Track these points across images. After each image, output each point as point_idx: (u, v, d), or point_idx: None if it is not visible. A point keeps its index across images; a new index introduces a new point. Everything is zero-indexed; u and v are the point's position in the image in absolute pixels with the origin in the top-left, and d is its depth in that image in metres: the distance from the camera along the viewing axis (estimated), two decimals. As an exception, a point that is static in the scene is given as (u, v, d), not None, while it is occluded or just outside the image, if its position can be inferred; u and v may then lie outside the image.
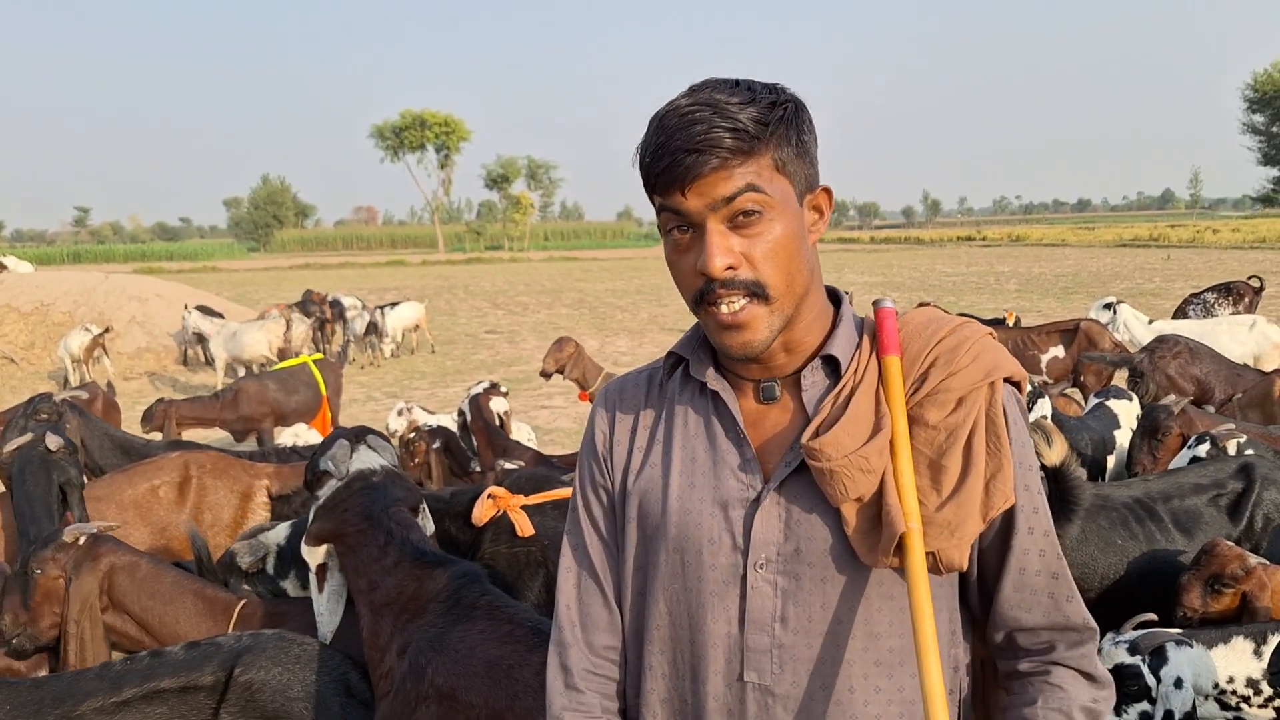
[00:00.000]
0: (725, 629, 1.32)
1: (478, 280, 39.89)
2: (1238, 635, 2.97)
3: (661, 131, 1.23)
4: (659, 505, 1.38)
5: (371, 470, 2.58)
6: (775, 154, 1.24)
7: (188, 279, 35.96)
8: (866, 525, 1.26)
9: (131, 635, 3.01)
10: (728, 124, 1.20)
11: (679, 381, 1.44)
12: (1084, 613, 1.31)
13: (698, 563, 1.34)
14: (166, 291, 18.85)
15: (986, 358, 1.30)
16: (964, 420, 1.27)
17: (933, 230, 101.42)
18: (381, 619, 2.46)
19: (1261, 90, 74.46)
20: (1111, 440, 5.44)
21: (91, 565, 2.96)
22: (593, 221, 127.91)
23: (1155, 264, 36.30)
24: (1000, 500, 1.26)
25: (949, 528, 1.25)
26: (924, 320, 1.36)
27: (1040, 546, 1.29)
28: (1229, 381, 7.24)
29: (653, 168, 1.24)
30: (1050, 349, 9.40)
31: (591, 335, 19.57)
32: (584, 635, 1.46)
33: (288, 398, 9.34)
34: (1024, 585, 1.29)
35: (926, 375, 1.30)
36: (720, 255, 1.22)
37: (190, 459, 4.93)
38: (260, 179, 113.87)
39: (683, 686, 1.37)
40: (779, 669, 1.30)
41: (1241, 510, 3.73)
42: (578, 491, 1.51)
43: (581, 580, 1.48)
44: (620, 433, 1.47)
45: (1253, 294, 13.33)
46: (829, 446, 1.25)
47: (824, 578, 1.29)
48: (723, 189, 1.21)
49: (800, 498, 1.30)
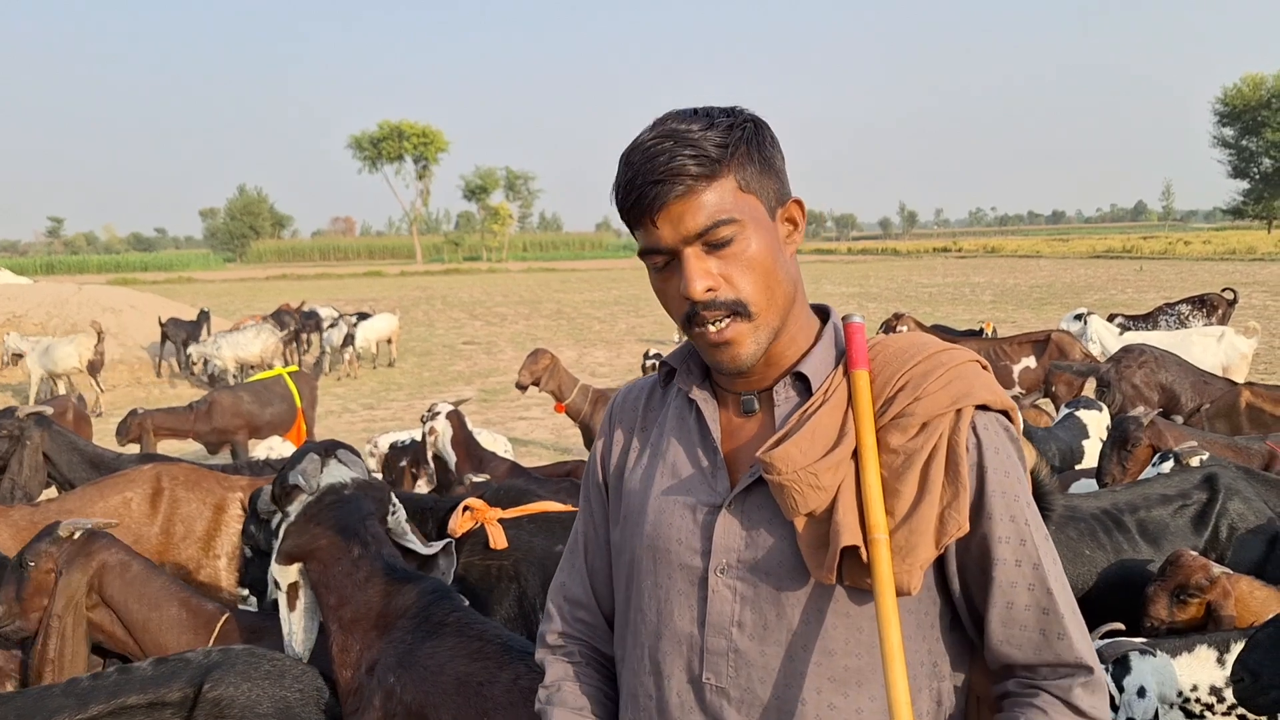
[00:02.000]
0: (688, 629, 1.35)
1: (455, 291, 39.80)
2: (1201, 644, 3.00)
3: (629, 168, 1.28)
4: (641, 505, 1.44)
5: (342, 484, 2.57)
6: (739, 174, 1.28)
7: (163, 290, 35.69)
8: (816, 540, 1.27)
9: (117, 636, 2.99)
10: (689, 151, 1.25)
11: (673, 389, 1.50)
12: (1078, 650, 1.26)
13: (667, 561, 1.38)
14: (141, 303, 18.71)
15: (957, 385, 1.30)
16: (923, 446, 1.27)
17: (909, 241, 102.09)
18: (351, 635, 2.44)
19: (1232, 104, 75.37)
20: (1080, 450, 5.49)
21: (83, 561, 2.95)
22: (571, 232, 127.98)
23: (1128, 275, 36.70)
24: (954, 528, 1.25)
25: (900, 552, 1.24)
26: (904, 344, 1.37)
27: (1029, 580, 1.26)
28: (1196, 389, 7.32)
29: (624, 203, 1.30)
30: (1022, 359, 9.50)
31: (569, 346, 19.56)
32: (568, 608, 1.59)
33: (262, 410, 9.28)
34: (1012, 620, 1.27)
35: (894, 399, 1.31)
36: (699, 279, 1.27)
37: (163, 471, 4.89)
38: (237, 189, 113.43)
39: (650, 682, 1.40)
40: (734, 672, 1.32)
41: (1206, 520, 3.78)
42: (582, 489, 1.61)
43: (572, 563, 1.60)
44: (619, 437, 1.55)
45: (1226, 306, 13.51)
46: (779, 460, 1.27)
47: (779, 588, 1.30)
48: (691, 222, 1.26)
49: (761, 508, 1.33)
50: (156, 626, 2.94)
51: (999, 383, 5.52)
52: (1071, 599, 1.30)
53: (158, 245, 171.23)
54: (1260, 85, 73.92)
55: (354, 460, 2.66)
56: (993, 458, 1.28)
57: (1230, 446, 4.89)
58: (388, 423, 12.08)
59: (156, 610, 2.95)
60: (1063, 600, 1.27)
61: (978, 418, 1.31)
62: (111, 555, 2.98)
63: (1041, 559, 1.27)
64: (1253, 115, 73.93)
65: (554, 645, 1.58)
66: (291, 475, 2.52)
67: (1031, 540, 1.27)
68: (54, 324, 16.78)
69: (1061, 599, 1.27)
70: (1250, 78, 74.68)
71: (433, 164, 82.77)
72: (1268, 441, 4.93)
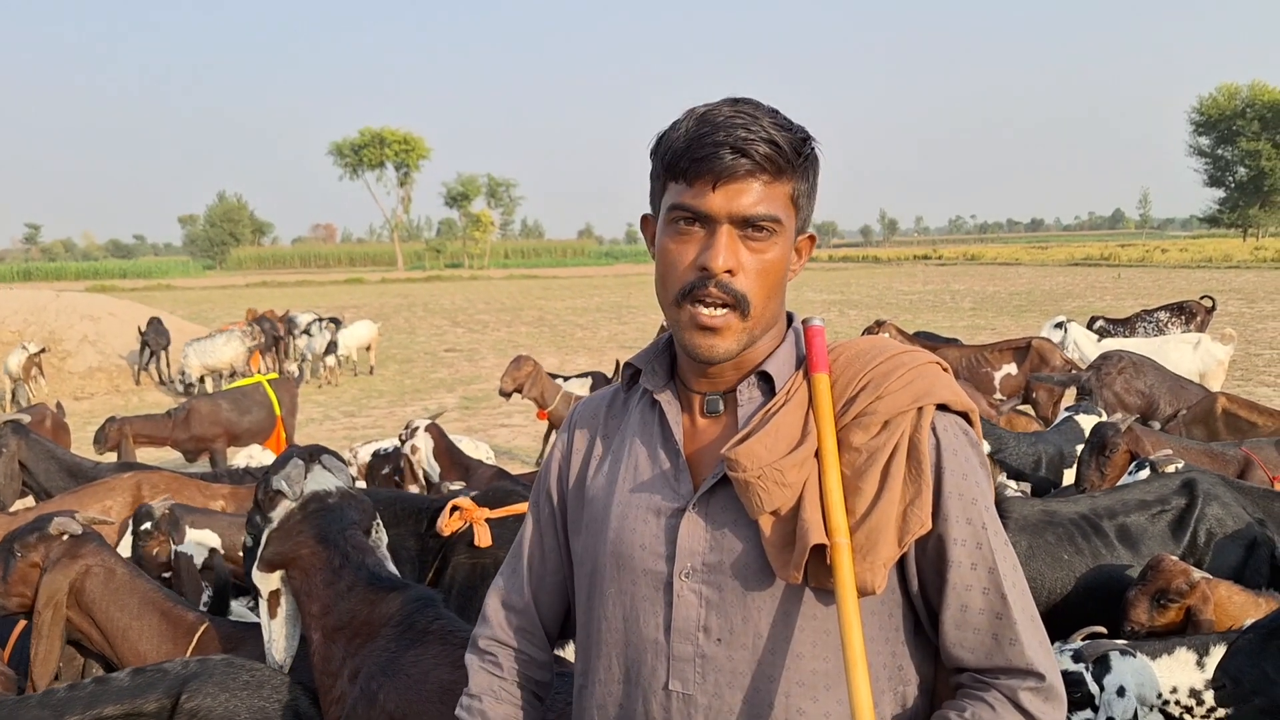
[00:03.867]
0: (654, 635, 1.34)
1: (437, 298, 39.70)
2: (1180, 646, 3.02)
3: (704, 123, 1.27)
4: (604, 511, 1.42)
5: (326, 492, 2.55)
6: (796, 185, 1.30)
7: (141, 297, 35.45)
8: (782, 540, 1.27)
9: (94, 637, 2.98)
10: (773, 139, 1.26)
11: (638, 393, 1.48)
12: (1030, 657, 1.25)
13: (631, 567, 1.37)
14: (119, 310, 18.56)
15: (919, 385, 1.30)
16: (885, 444, 1.27)
17: (890, 249, 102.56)
18: (333, 644, 2.43)
19: (1207, 114, 76.20)
20: (1070, 455, 5.53)
21: (68, 563, 2.94)
22: (553, 240, 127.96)
23: (1106, 283, 37.01)
24: (916, 526, 1.25)
25: (861, 551, 1.24)
26: (866, 346, 1.38)
27: (983, 584, 1.25)
28: (1174, 394, 7.41)
29: (689, 153, 1.26)
30: (1003, 366, 9.56)
31: (551, 354, 19.54)
32: (503, 613, 1.58)
33: (241, 417, 9.22)
34: (965, 623, 1.27)
35: (856, 398, 1.31)
36: (726, 255, 1.27)
37: (143, 479, 4.86)
38: (216, 196, 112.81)
39: (618, 691, 1.39)
40: (701, 679, 1.30)
41: (1185, 526, 3.81)
42: (532, 496, 1.59)
43: (514, 568, 1.59)
44: (579, 445, 1.52)
45: (1204, 313, 13.65)
46: (744, 457, 1.27)
47: (745, 590, 1.29)
48: (749, 204, 1.26)
49: (725, 510, 1.32)
50: (136, 634, 2.93)
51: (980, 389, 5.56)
52: (1029, 605, 1.29)
53: (136, 252, 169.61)
54: (1235, 95, 74.82)
55: (339, 467, 2.65)
56: (951, 459, 1.29)
57: (1206, 452, 4.94)
58: (369, 430, 12.02)
59: (137, 619, 2.94)
60: (1018, 605, 1.26)
61: (938, 418, 1.31)
62: (97, 561, 2.97)
63: (997, 563, 1.26)
64: (1228, 125, 74.80)
65: (483, 650, 1.58)
66: (275, 480, 2.50)
67: (988, 544, 1.27)
68: (31, 331, 16.62)
69: (1016, 604, 1.26)
70: (1225, 88, 75.58)
71: (414, 171, 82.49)
72: (1243, 447, 4.98)
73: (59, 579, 2.91)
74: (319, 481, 2.55)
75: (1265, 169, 72.39)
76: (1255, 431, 6.19)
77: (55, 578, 2.91)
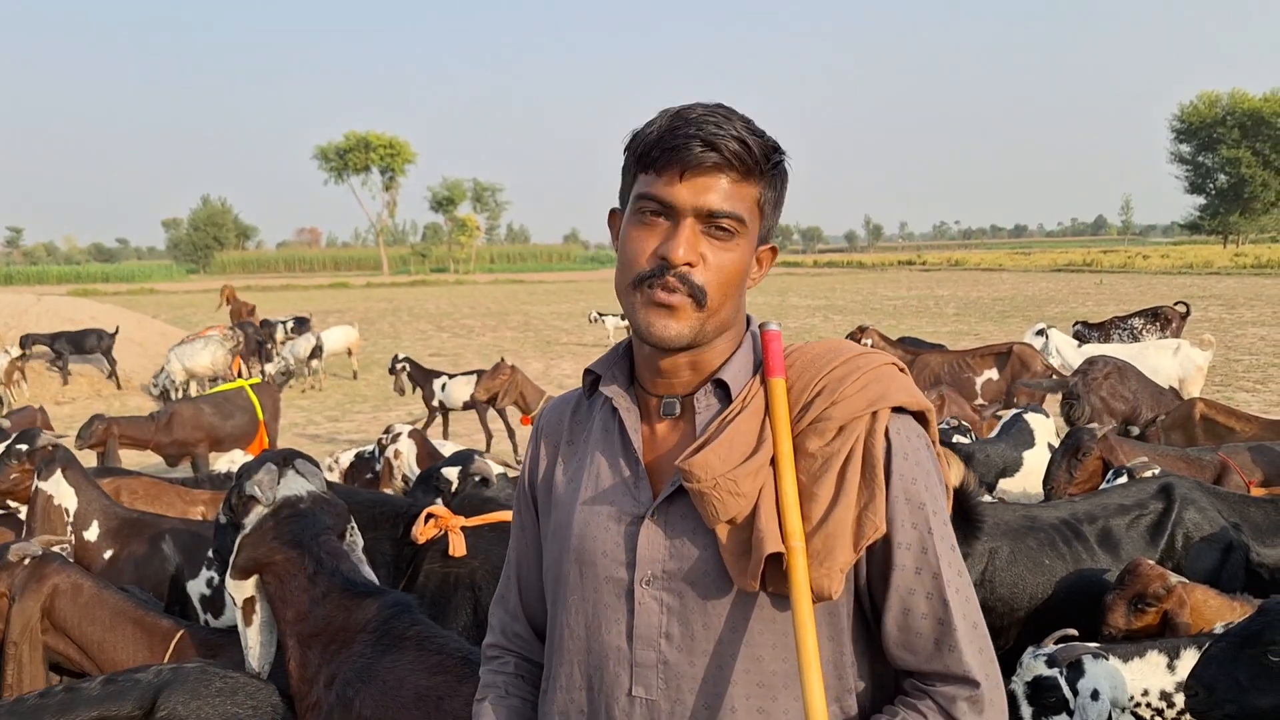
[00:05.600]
0: (617, 642, 1.35)
1: (422, 303, 39.59)
2: (1152, 649, 3.04)
3: (678, 119, 1.28)
4: (567, 518, 1.42)
5: (299, 497, 2.54)
6: (763, 191, 1.31)
7: (124, 301, 35.21)
8: (738, 548, 1.27)
9: (72, 658, 2.96)
10: (742, 140, 1.27)
11: (598, 401, 1.48)
12: (967, 664, 1.25)
13: (593, 575, 1.37)
14: (101, 314, 18.45)
15: (874, 388, 1.30)
16: (840, 449, 1.28)
17: (874, 254, 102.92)
18: (309, 650, 2.41)
19: (1188, 121, 76.88)
20: (1018, 461, 5.63)
21: (35, 587, 2.91)
22: (538, 244, 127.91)
23: (1088, 288, 37.24)
24: (871, 530, 1.25)
25: (818, 557, 1.24)
26: (822, 350, 1.38)
27: (927, 589, 1.26)
28: (1155, 400, 7.48)
29: (660, 144, 1.27)
30: (985, 371, 9.60)
31: (536, 358, 19.52)
32: (506, 620, 1.60)
33: (223, 422, 9.16)
34: (907, 627, 1.27)
35: (811, 404, 1.31)
36: (687, 247, 1.27)
37: (122, 484, 4.83)
38: (200, 200, 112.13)
39: (581, 698, 1.39)
40: (664, 685, 1.31)
41: (1162, 530, 3.83)
42: (514, 504, 1.60)
43: (508, 576, 1.60)
44: (545, 451, 1.52)
45: (1179, 319, 13.76)
46: (698, 468, 1.27)
47: (705, 597, 1.30)
48: (714, 198, 1.27)
49: (684, 518, 1.33)
50: (112, 647, 2.91)
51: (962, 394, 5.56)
52: (972, 611, 1.30)
53: (119, 256, 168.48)
54: (1215, 103, 75.51)
55: (312, 471, 2.64)
56: (900, 462, 1.29)
57: (1183, 458, 4.97)
58: (352, 435, 11.98)
59: (112, 632, 2.93)
60: (959, 612, 1.27)
61: (892, 421, 1.31)
62: (63, 579, 2.95)
63: (941, 569, 1.27)
64: (1208, 132, 75.47)
65: (491, 657, 1.59)
66: (248, 485, 2.49)
67: (933, 548, 1.27)
68: (12, 335, 16.48)
69: (959, 611, 1.27)
70: (1206, 95, 76.28)
71: (399, 175, 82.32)
72: (1219, 453, 5.02)
73: (30, 604, 2.89)
74: (292, 487, 2.54)
75: (1245, 176, 73.07)
76: (1233, 436, 6.24)
77: (26, 604, 2.89)
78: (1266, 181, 73.29)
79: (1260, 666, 2.56)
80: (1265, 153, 72.72)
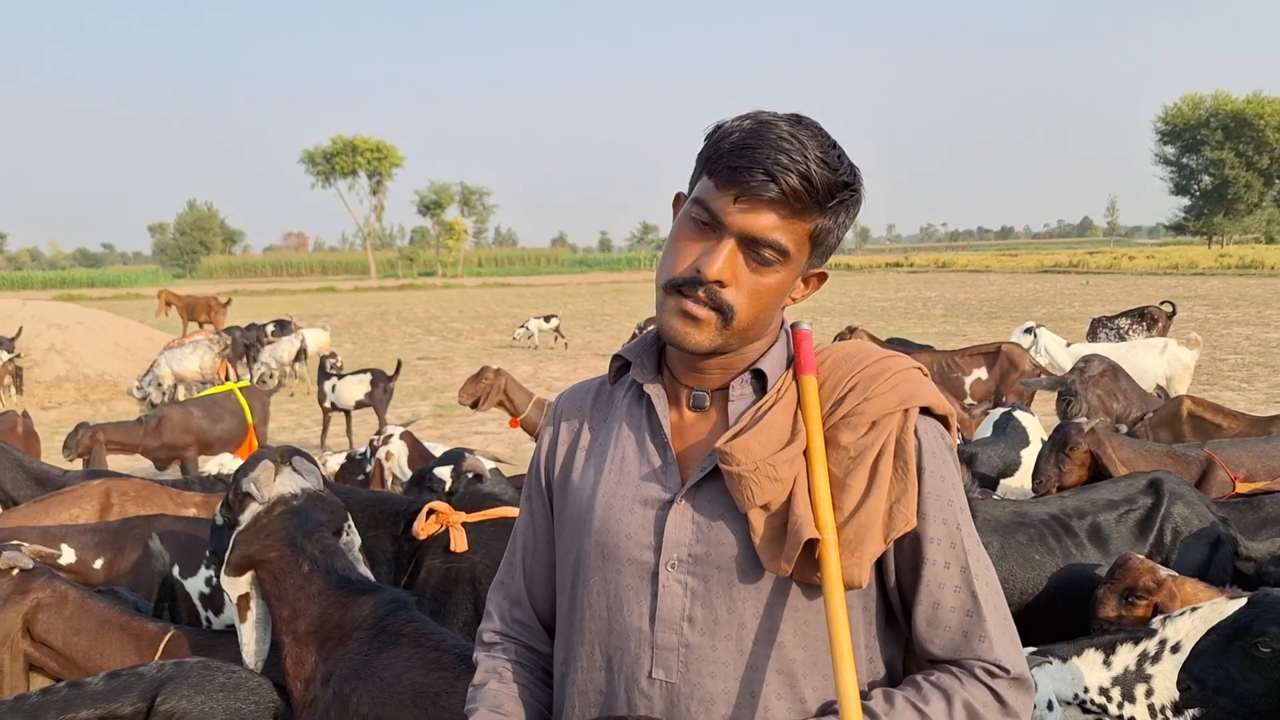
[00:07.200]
0: (639, 624, 1.36)
1: (410, 307, 39.52)
2: (1088, 647, 3.07)
3: (756, 135, 1.28)
4: (589, 501, 1.44)
5: (293, 494, 2.54)
6: (819, 222, 1.32)
7: (110, 306, 35.05)
8: (772, 534, 1.30)
9: (53, 669, 2.94)
10: (807, 175, 1.26)
11: (624, 386, 1.50)
12: (998, 653, 1.30)
13: (616, 557, 1.39)
14: (88, 319, 18.35)
15: (905, 388, 1.35)
16: (873, 443, 1.32)
17: (862, 256, 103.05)
18: (305, 647, 2.41)
19: (1173, 123, 77.43)
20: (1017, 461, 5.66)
21: (18, 600, 2.90)
22: (527, 248, 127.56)
23: (1075, 289, 37.45)
24: (902, 523, 1.30)
25: (849, 546, 1.28)
26: (852, 350, 1.42)
27: (955, 583, 1.31)
28: (1143, 399, 7.57)
29: (729, 158, 1.28)
30: (974, 371, 9.65)
31: (525, 362, 19.51)
32: (506, 606, 1.60)
33: (212, 425, 9.13)
34: (937, 620, 1.32)
35: (844, 399, 1.35)
36: (723, 265, 1.29)
37: (112, 486, 4.80)
38: (187, 204, 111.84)
39: (600, 679, 1.41)
40: (684, 668, 1.33)
41: (1151, 524, 3.87)
42: (524, 489, 1.61)
43: (511, 563, 1.61)
44: (565, 435, 1.54)
45: (1165, 319, 13.86)
46: (739, 451, 1.30)
47: (730, 582, 1.33)
48: (760, 229, 1.28)
49: (713, 503, 1.35)
50: (99, 655, 2.91)
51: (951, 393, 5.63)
52: (1001, 604, 1.34)
53: (105, 261, 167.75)
54: (1199, 105, 76.09)
55: (309, 469, 2.64)
56: (930, 461, 1.34)
57: (1169, 454, 5.01)
58: (341, 439, 11.95)
59: (98, 640, 2.92)
60: (989, 605, 1.31)
61: (920, 421, 1.36)
62: (46, 594, 2.94)
63: (970, 563, 1.32)
64: (1193, 134, 76.04)
65: (489, 644, 1.59)
66: (244, 482, 2.50)
67: (962, 544, 1.32)
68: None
69: (988, 604, 1.31)
70: (1190, 97, 76.87)
71: (387, 179, 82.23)
72: (1205, 449, 5.06)
73: (11, 616, 2.88)
74: (287, 484, 2.54)
75: (1229, 177, 73.63)
76: (1220, 433, 6.28)
77: (7, 615, 2.88)
78: (1250, 183, 73.91)
79: (1250, 658, 2.58)
80: (1249, 154, 73.34)
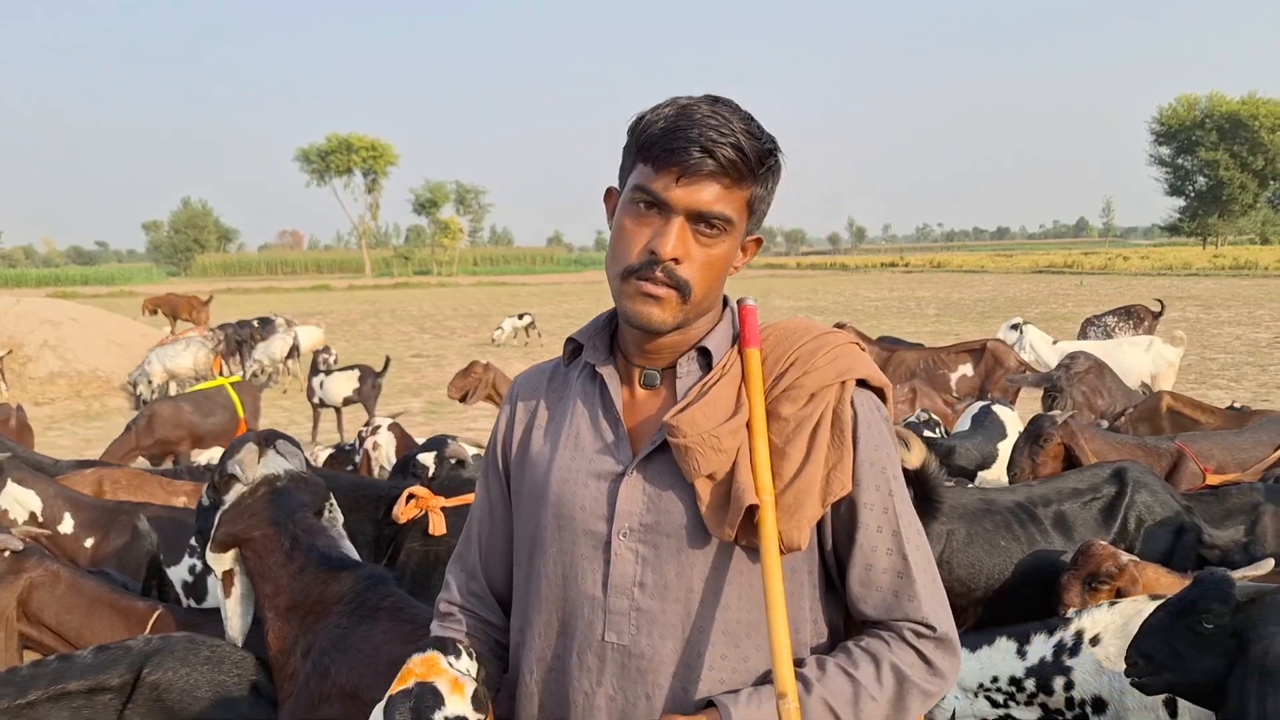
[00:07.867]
0: (592, 591, 1.45)
1: (405, 305, 39.54)
2: (1001, 636, 3.15)
3: (684, 116, 1.36)
4: (545, 476, 1.52)
5: (276, 475, 2.63)
6: (754, 190, 1.41)
7: (104, 303, 35.03)
8: (717, 501, 1.39)
9: (47, 645, 3.03)
10: (741, 145, 1.36)
11: (578, 367, 1.59)
12: (925, 612, 1.40)
13: (571, 528, 1.48)
14: (81, 315, 18.36)
15: (843, 361, 1.45)
16: (811, 414, 1.41)
17: (857, 256, 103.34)
18: (287, 623, 2.51)
19: (1167, 124, 77.66)
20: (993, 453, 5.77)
21: (12, 580, 2.98)
22: (522, 247, 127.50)
23: (1069, 290, 37.58)
24: (838, 488, 1.39)
25: (789, 511, 1.37)
26: (794, 326, 1.52)
27: (888, 545, 1.41)
28: (1127, 396, 7.72)
29: (663, 141, 1.35)
30: (959, 367, 9.75)
31: (520, 360, 19.58)
32: (464, 579, 1.67)
33: (204, 420, 9.20)
34: (869, 581, 1.41)
35: (785, 373, 1.44)
36: (675, 243, 1.37)
37: (104, 475, 4.89)
38: (181, 202, 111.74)
39: (555, 645, 1.50)
40: (635, 631, 1.42)
41: (1115, 513, 3.97)
42: (480, 472, 1.69)
43: (468, 537, 1.68)
44: (521, 415, 1.62)
45: (1151, 317, 13.97)
46: (685, 424, 1.40)
47: (679, 548, 1.42)
48: (705, 203, 1.37)
49: (663, 474, 1.44)
50: (90, 633, 2.99)
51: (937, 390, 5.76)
52: (930, 567, 1.45)
53: (99, 259, 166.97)
54: (1194, 106, 76.32)
55: (293, 452, 2.73)
56: (866, 431, 1.44)
57: (1140, 446, 5.11)
58: (332, 434, 12.03)
59: (89, 618, 3.01)
60: (918, 567, 1.42)
61: (856, 393, 1.45)
62: (39, 573, 3.03)
63: (902, 528, 1.42)
64: (1187, 135, 76.26)
65: (444, 614, 1.66)
66: (229, 464, 2.59)
67: (894, 510, 1.43)
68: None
69: (917, 565, 1.42)
70: (1184, 98, 77.09)
71: (382, 177, 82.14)
72: (1176, 441, 5.16)
73: (6, 595, 2.96)
74: (271, 465, 2.64)
75: (1223, 178, 73.87)
76: (1198, 428, 6.37)
77: (2, 595, 2.96)
78: (1244, 184, 74.18)
79: (1195, 635, 2.68)
80: (1243, 155, 73.60)
